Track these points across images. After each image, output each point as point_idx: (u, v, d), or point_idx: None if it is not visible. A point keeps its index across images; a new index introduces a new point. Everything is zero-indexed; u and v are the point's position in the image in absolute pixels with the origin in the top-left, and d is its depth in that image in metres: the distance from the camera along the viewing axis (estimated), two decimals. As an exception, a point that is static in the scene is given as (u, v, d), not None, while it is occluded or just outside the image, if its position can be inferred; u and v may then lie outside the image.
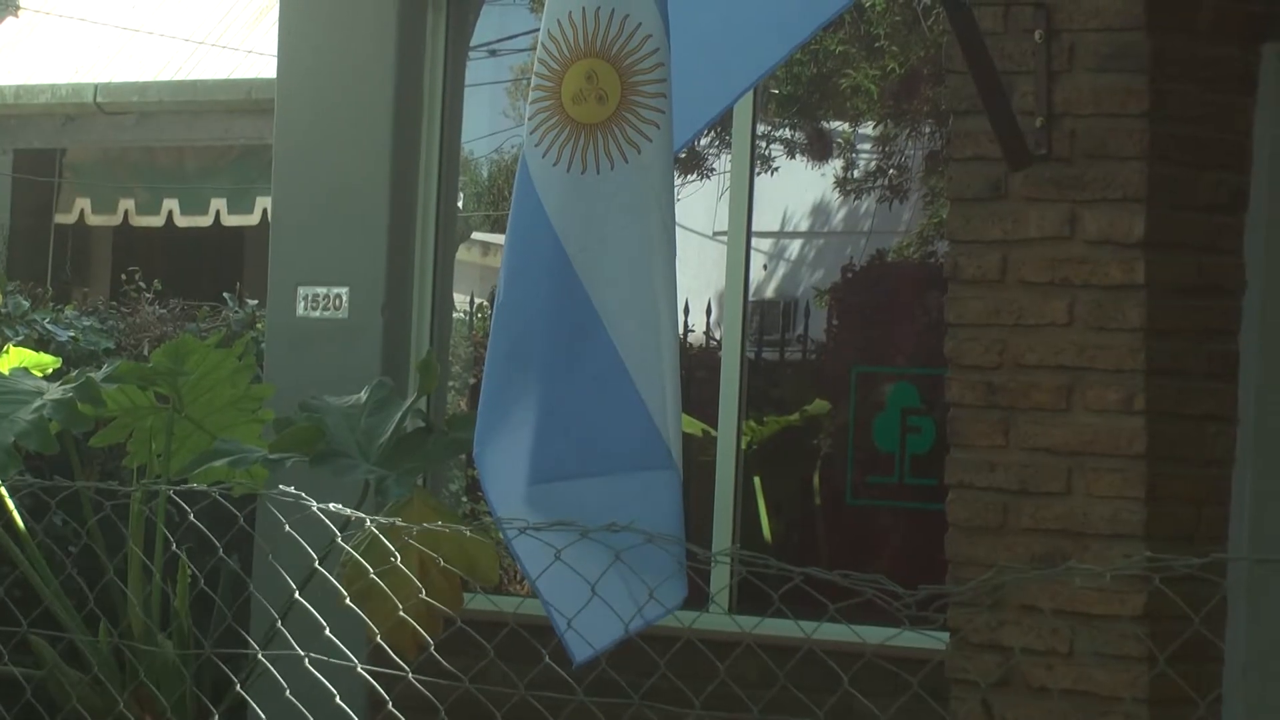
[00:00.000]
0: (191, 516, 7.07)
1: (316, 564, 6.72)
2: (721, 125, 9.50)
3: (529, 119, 6.47)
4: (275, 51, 10.82)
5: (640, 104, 6.35)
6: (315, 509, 6.77)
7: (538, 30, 9.93)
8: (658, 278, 6.35)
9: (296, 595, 6.90)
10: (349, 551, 6.96)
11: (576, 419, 6.44)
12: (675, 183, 9.77)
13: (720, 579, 9.01)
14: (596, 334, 6.39)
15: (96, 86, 16.07)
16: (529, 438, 6.44)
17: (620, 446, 6.41)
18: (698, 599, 9.07)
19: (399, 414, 9.09)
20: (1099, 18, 7.26)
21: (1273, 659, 7.44)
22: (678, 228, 9.54)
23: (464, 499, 10.59)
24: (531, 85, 6.57)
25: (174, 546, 7.93)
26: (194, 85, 15.66)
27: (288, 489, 6.79)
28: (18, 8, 17.36)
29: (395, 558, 6.96)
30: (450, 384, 10.16)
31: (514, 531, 6.32)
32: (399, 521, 6.88)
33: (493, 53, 10.34)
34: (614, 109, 6.35)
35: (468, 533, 7.99)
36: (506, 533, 6.41)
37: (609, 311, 6.39)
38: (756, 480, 9.41)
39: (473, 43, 10.29)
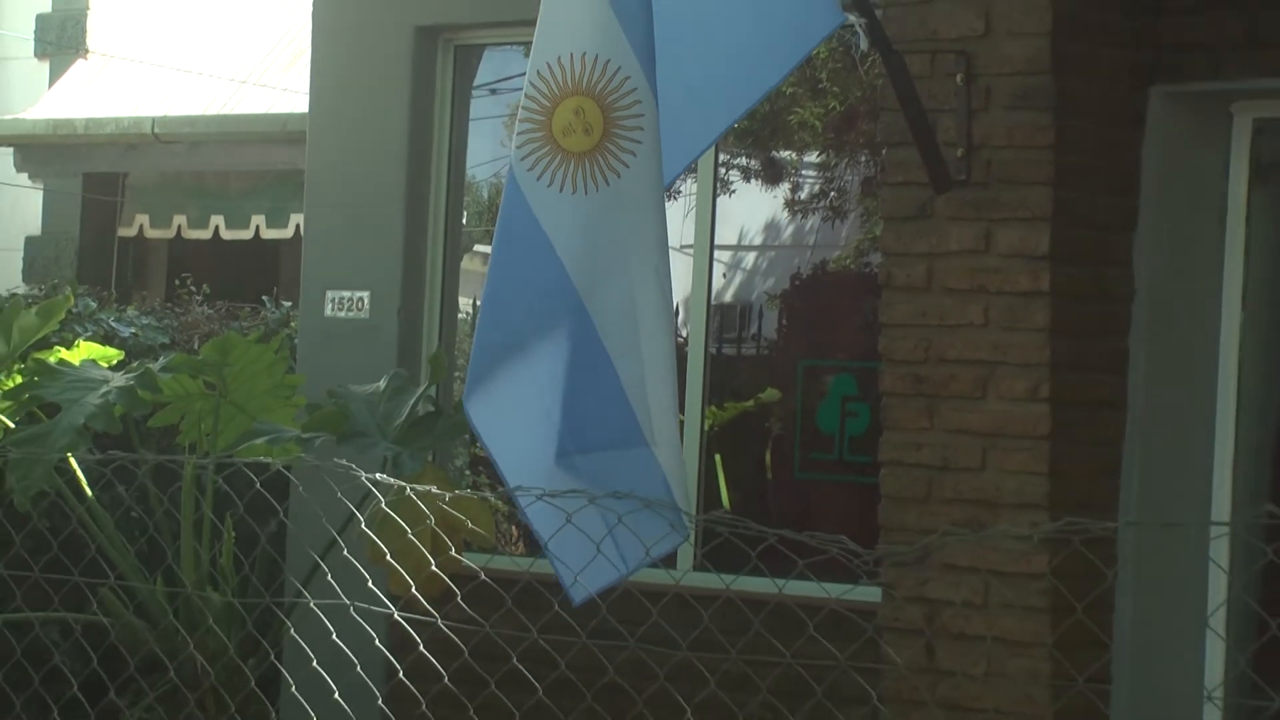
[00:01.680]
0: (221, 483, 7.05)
1: (362, 524, 6.74)
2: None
3: (518, 147, 6.46)
4: (308, 90, 10.79)
5: (620, 135, 6.36)
6: (364, 478, 6.77)
7: (528, 72, 10.01)
8: (640, 280, 6.35)
9: (341, 549, 6.89)
10: (389, 513, 6.96)
11: (570, 406, 6.46)
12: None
13: (692, 542, 9.01)
14: (586, 329, 6.41)
15: (154, 119, 16.00)
16: (530, 424, 6.47)
17: (605, 428, 6.43)
18: (678, 558, 9.11)
19: (412, 400, 9.08)
20: (1011, 64, 7.25)
21: (1154, 611, 7.44)
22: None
23: (467, 472, 10.57)
24: (519, 118, 6.56)
25: (240, 509, 7.92)
26: (237, 119, 15.60)
27: (340, 461, 6.79)
28: (87, 51, 17.28)
29: (430, 519, 7.00)
30: (456, 375, 10.13)
31: (528, 500, 6.36)
32: (434, 489, 6.86)
33: (493, 92, 10.32)
34: (598, 139, 6.37)
35: (492, 499, 8.05)
36: (520, 500, 6.40)
37: (596, 309, 6.42)
38: (717, 457, 9.40)
39: (475, 83, 10.27)
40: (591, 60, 6.41)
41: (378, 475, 6.87)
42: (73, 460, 9.07)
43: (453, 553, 7.21)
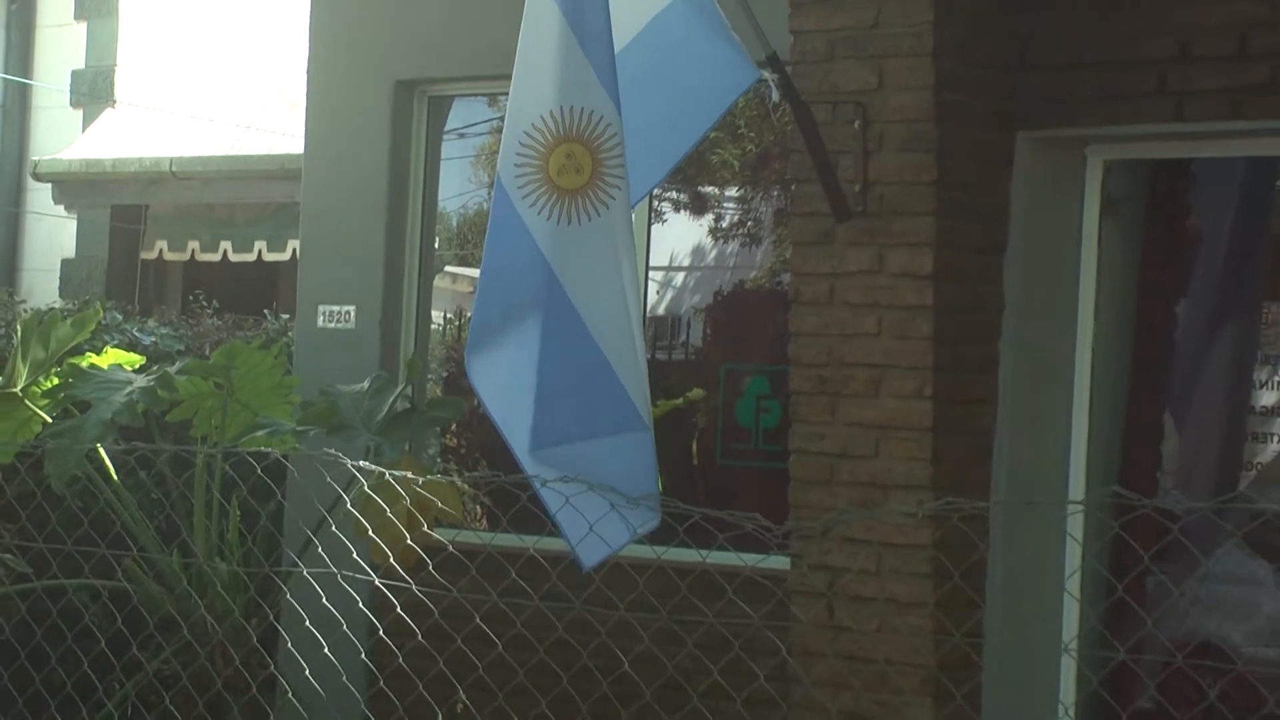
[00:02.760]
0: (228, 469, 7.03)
1: (349, 504, 6.74)
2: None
3: (520, 187, 6.47)
4: (303, 134, 10.77)
5: (606, 174, 6.40)
6: (349, 465, 6.77)
7: (494, 119, 10.00)
8: (625, 292, 6.40)
9: (330, 525, 6.88)
10: (371, 495, 6.98)
11: (571, 397, 6.50)
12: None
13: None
14: (582, 334, 6.45)
15: (171, 159, 15.94)
16: (537, 414, 6.51)
17: (604, 415, 6.47)
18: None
19: (392, 398, 9.07)
20: (901, 113, 7.25)
21: (1019, 577, 7.45)
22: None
23: (438, 460, 10.55)
24: (515, 164, 6.56)
25: (244, 492, 7.89)
26: (243, 158, 15.54)
27: (330, 450, 6.79)
28: (115, 101, 17.21)
29: (406, 500, 7.01)
30: (429, 376, 10.15)
31: (540, 483, 6.41)
32: (410, 474, 6.89)
33: (461, 135, 10.30)
34: (588, 178, 6.41)
35: (459, 482, 8.01)
36: (534, 483, 6.43)
37: (591, 317, 6.45)
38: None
39: (446, 129, 10.25)
40: (578, 112, 6.45)
41: (361, 463, 6.89)
42: (101, 450, 9.04)
43: (425, 529, 7.22)
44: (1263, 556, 7.83)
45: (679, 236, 9.93)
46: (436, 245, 10.31)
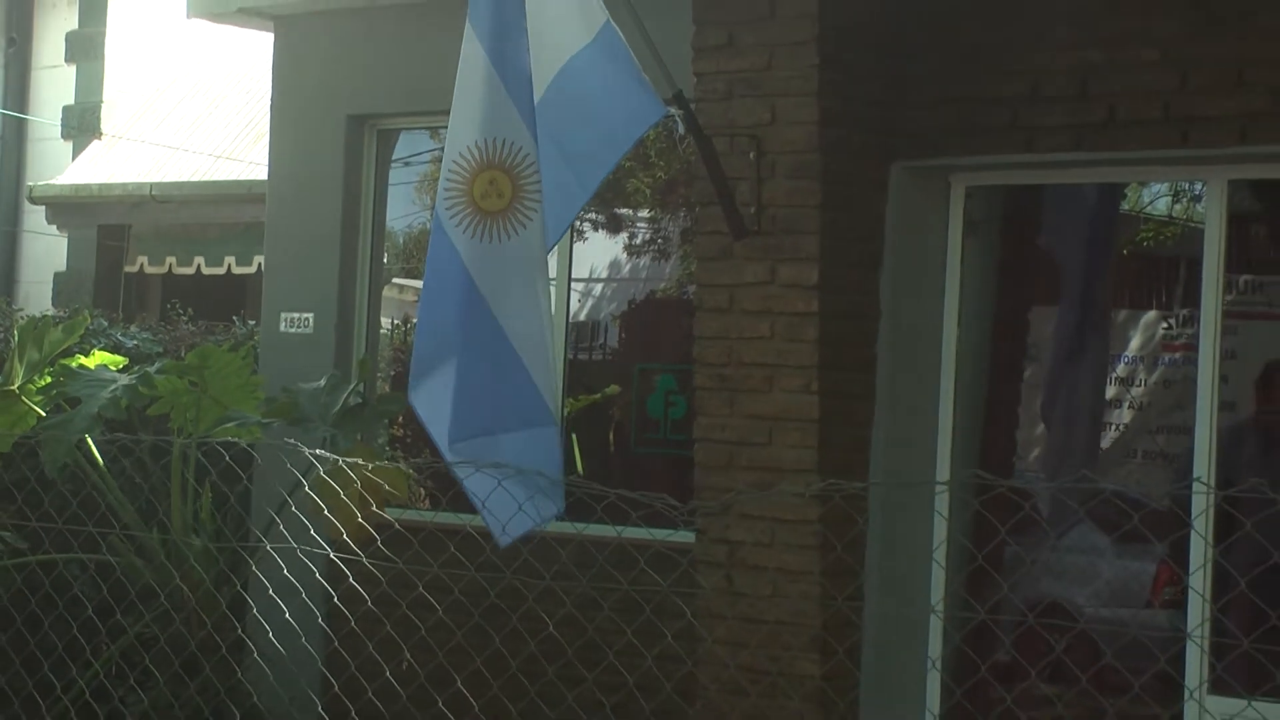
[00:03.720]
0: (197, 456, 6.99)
1: (306, 487, 6.71)
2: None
3: (447, 208, 6.47)
4: (268, 162, 10.73)
5: (524, 198, 6.40)
6: (307, 453, 6.73)
7: (436, 149, 9.98)
8: (539, 302, 6.41)
9: (290, 506, 6.84)
10: (326, 479, 6.95)
11: (488, 395, 6.49)
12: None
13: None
14: (499, 339, 6.44)
15: (151, 184, 15.88)
16: (456, 409, 6.49)
17: (516, 411, 6.46)
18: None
19: (345, 394, 9.05)
20: (790, 145, 7.26)
21: (893, 548, 7.48)
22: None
23: (386, 448, 10.51)
24: (444, 187, 6.56)
25: (214, 476, 7.86)
26: (215, 184, 15.48)
27: (290, 440, 6.77)
28: (101, 134, 17.13)
29: (357, 483, 6.98)
30: (379, 375, 10.12)
31: (466, 472, 6.39)
32: (360, 461, 6.87)
33: (406, 164, 10.25)
34: (508, 202, 6.40)
35: (404, 468, 7.98)
36: (458, 472, 6.42)
37: (508, 324, 6.46)
38: (574, 436, 9.38)
39: (393, 157, 10.22)
40: (500, 143, 6.43)
41: (318, 450, 6.87)
42: (89, 440, 9.01)
43: (374, 508, 7.20)
44: (1103, 529, 7.88)
45: (598, 252, 9.92)
46: (385, 260, 10.27)
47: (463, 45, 6.50)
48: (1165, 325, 8.05)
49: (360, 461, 6.85)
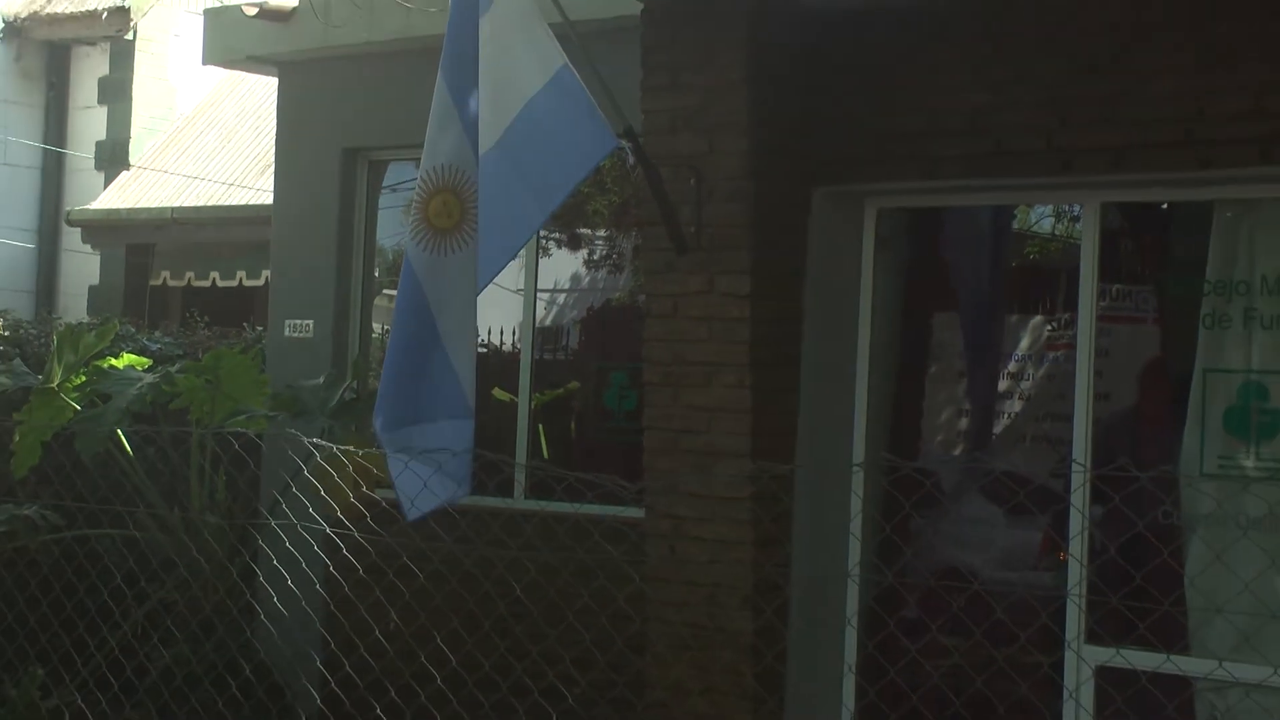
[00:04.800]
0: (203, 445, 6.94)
1: (305, 472, 6.70)
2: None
3: (410, 226, 6.47)
4: (273, 189, 10.72)
5: (468, 219, 6.38)
6: (307, 442, 6.71)
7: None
8: (471, 310, 6.39)
9: (292, 488, 6.82)
10: (323, 464, 6.94)
11: (423, 389, 6.47)
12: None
13: (521, 480, 9.01)
14: (435, 341, 6.42)
15: (172, 209, 15.85)
16: (395, 402, 6.48)
17: (443, 404, 6.44)
18: (513, 489, 9.10)
19: (341, 390, 9.03)
20: (725, 173, 7.23)
21: (816, 521, 7.47)
22: (498, 287, 9.59)
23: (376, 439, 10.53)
24: (412, 207, 6.56)
25: (226, 462, 7.82)
26: (228, 208, 15.46)
27: (292, 431, 6.75)
28: (129, 165, 17.10)
29: (350, 468, 6.96)
30: (370, 373, 10.07)
31: (399, 462, 6.36)
32: (352, 448, 6.86)
33: (394, 190, 10.24)
34: (456, 221, 6.38)
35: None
36: (393, 458, 6.38)
37: (444, 327, 6.44)
38: (540, 426, 9.37)
39: (383, 185, 10.22)
40: (451, 169, 6.42)
41: (315, 440, 6.86)
42: (119, 430, 8.98)
43: (365, 490, 7.19)
44: (995, 503, 7.90)
45: (561, 266, 9.92)
46: (376, 273, 10.26)
47: (435, 87, 6.50)
48: (1049, 327, 8.08)
49: (351, 448, 6.83)
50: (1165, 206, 7.54)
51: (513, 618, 7.79)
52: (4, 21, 17.42)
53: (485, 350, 9.93)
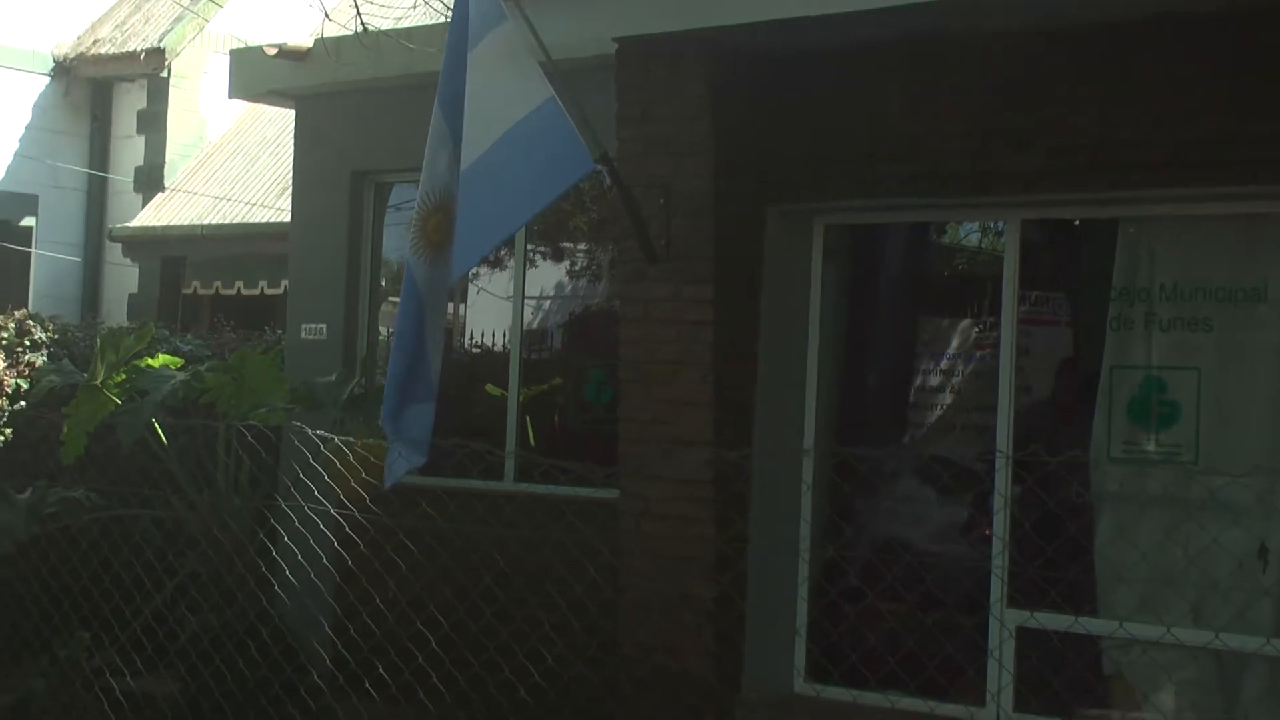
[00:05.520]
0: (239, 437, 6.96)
1: (310, 460, 6.71)
2: (510, 243, 9.50)
3: (410, 240, 6.47)
4: (290, 208, 10.70)
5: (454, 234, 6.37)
6: (313, 434, 6.71)
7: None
8: (442, 307, 6.42)
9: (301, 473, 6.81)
10: (328, 455, 6.94)
11: (411, 376, 6.47)
12: (490, 269, 9.86)
13: (510, 466, 9.00)
14: (419, 338, 6.43)
15: (202, 226, 15.83)
16: (392, 389, 6.50)
17: (422, 389, 6.44)
18: (503, 473, 9.10)
19: (350, 386, 9.03)
20: (690, 193, 7.23)
21: (770, 501, 7.47)
22: (490, 294, 9.62)
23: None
24: (412, 225, 6.56)
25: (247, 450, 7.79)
26: (251, 225, 15.45)
27: (299, 424, 6.74)
28: (165, 188, 17.09)
29: (349, 456, 6.95)
30: (376, 371, 10.04)
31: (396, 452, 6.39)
32: (352, 439, 6.87)
33: (398, 209, 10.19)
34: (446, 235, 6.37)
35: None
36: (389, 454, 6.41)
37: (428, 326, 6.43)
38: (528, 417, 9.35)
39: (388, 204, 10.20)
40: (443, 191, 6.43)
41: (320, 431, 6.87)
42: (155, 422, 8.98)
43: (365, 475, 7.21)
44: (929, 484, 7.91)
45: (546, 276, 9.89)
46: (382, 283, 10.24)
47: (432, 117, 6.51)
48: (976, 329, 8.09)
49: (351, 439, 6.85)
50: (1077, 223, 7.56)
51: (498, 586, 7.80)
52: (54, 61, 17.41)
53: (478, 350, 9.93)
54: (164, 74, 17.07)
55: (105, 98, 17.70)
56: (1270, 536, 6.52)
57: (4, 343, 10.62)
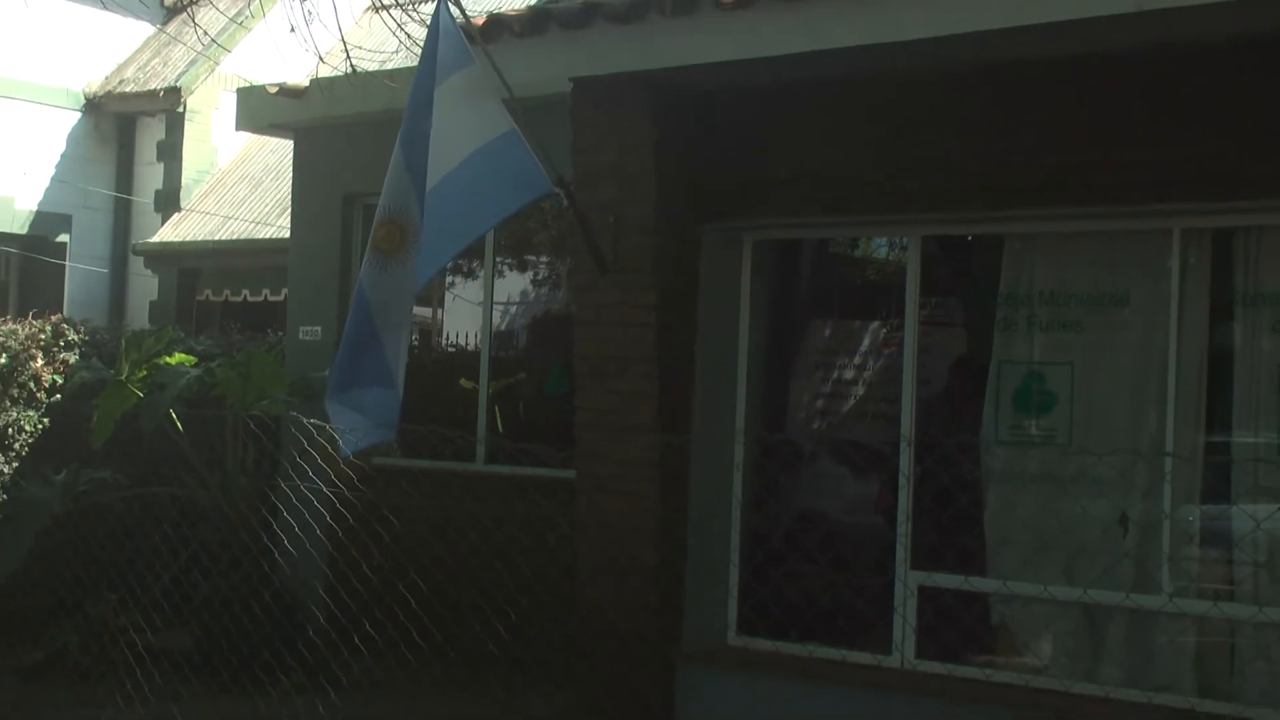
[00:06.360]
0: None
1: (305, 445, 6.63)
2: (481, 255, 9.46)
3: (368, 251, 6.43)
4: (290, 225, 10.64)
5: (405, 246, 6.31)
6: (308, 423, 6.64)
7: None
8: (406, 312, 6.35)
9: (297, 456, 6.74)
10: (321, 441, 6.87)
11: (359, 362, 6.40)
12: (463, 278, 9.81)
13: (480, 449, 8.96)
14: (373, 334, 6.36)
15: (214, 242, 15.70)
16: (339, 372, 6.42)
17: (373, 374, 6.37)
18: (474, 455, 9.06)
19: (340, 381, 8.99)
20: (636, 214, 7.20)
21: (709, 478, 7.46)
22: (463, 300, 9.55)
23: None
24: (372, 237, 6.50)
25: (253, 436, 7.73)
26: (256, 240, 15.32)
27: (296, 414, 6.65)
28: (181, 208, 16.95)
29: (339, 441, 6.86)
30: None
31: (337, 412, 6.28)
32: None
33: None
34: (396, 246, 6.32)
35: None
36: (331, 409, 6.30)
37: (380, 323, 6.37)
38: (496, 407, 9.34)
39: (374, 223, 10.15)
40: (400, 208, 6.37)
41: (315, 420, 6.80)
42: (172, 411, 8.90)
43: (354, 458, 7.14)
44: (842, 464, 7.92)
45: (512, 284, 9.89)
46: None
47: (393, 151, 6.46)
48: (884, 330, 8.12)
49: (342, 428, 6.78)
50: (970, 239, 7.59)
51: (470, 554, 7.78)
52: (84, 99, 17.36)
53: (453, 350, 9.89)
54: (180, 110, 17.03)
55: (129, 130, 17.61)
56: (1130, 507, 6.56)
57: (42, 343, 10.55)
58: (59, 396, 10.37)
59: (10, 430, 10.10)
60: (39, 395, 10.34)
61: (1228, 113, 6.12)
